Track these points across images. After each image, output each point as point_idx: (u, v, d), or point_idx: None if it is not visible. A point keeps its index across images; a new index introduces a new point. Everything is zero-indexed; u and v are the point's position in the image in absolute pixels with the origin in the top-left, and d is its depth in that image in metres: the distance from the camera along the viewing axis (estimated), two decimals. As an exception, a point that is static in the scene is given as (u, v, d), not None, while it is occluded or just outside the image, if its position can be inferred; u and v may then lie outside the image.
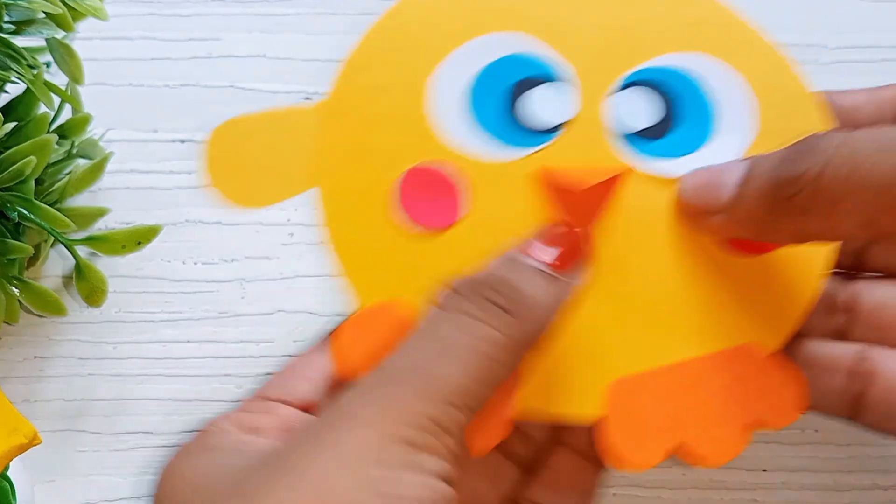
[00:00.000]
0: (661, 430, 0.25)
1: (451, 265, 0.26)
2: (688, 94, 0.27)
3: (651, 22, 0.28)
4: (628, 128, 0.27)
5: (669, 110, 0.27)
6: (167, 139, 0.37)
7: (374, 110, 0.28)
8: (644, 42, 0.27)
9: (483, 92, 0.27)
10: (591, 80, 0.27)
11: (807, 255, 0.26)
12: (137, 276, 0.34)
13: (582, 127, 0.27)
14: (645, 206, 0.27)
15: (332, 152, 0.28)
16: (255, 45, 0.39)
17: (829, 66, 0.39)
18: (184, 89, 0.38)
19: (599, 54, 0.27)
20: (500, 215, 0.27)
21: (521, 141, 0.27)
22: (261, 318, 0.34)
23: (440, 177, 0.27)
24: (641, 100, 0.27)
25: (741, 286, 0.26)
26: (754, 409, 0.25)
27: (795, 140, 0.23)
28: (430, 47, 0.28)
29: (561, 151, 0.27)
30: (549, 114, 0.27)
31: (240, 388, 0.33)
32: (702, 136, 0.27)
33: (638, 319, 0.26)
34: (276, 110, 0.29)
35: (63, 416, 0.32)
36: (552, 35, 0.27)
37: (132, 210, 0.35)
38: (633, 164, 0.27)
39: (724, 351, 0.26)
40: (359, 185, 0.28)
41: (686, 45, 0.27)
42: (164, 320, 0.34)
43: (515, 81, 0.27)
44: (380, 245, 0.27)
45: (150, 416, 0.32)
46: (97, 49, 0.38)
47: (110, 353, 0.33)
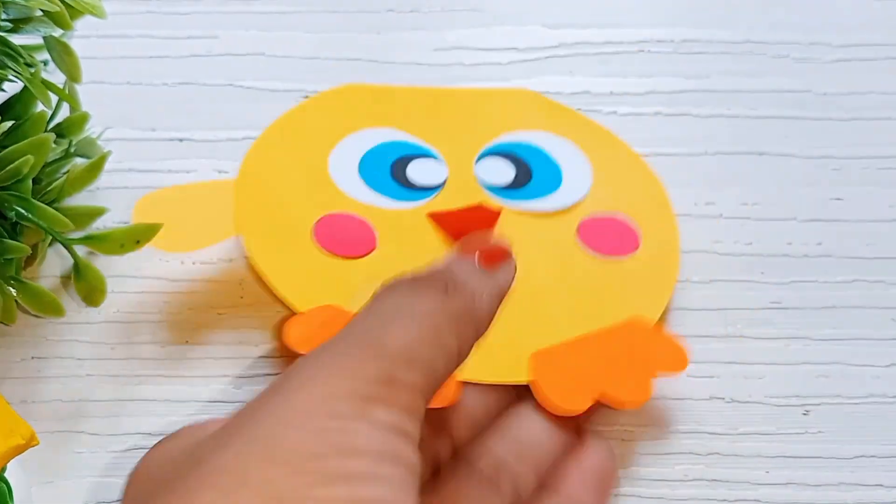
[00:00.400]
0: (584, 384, 0.31)
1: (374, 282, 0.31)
2: (536, 156, 0.36)
3: (489, 112, 0.37)
4: (493, 184, 0.35)
5: (527, 167, 0.36)
6: (165, 138, 0.37)
7: (285, 177, 0.35)
8: (487, 127, 0.37)
9: (370, 168, 0.35)
10: (454, 157, 0.36)
11: (666, 248, 0.34)
12: (136, 275, 0.34)
13: (457, 184, 0.35)
14: (522, 234, 0.34)
15: (252, 208, 0.34)
16: (254, 43, 0.39)
17: (833, 64, 0.39)
18: (182, 88, 0.38)
19: (455, 139, 0.36)
20: (406, 249, 0.34)
21: (410, 196, 0.35)
22: (259, 319, 0.34)
23: (352, 218, 0.34)
24: (497, 166, 0.36)
25: (615, 277, 0.34)
26: (653, 363, 0.32)
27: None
28: (323, 138, 0.36)
29: (446, 201, 0.35)
30: (426, 178, 0.35)
31: (238, 389, 0.33)
32: (555, 183, 0.36)
33: (539, 309, 0.33)
34: (195, 183, 0.35)
35: (61, 417, 0.32)
36: (415, 128, 0.36)
37: (130, 209, 0.35)
38: (506, 207, 0.35)
39: (618, 324, 0.33)
40: (278, 229, 0.34)
41: (521, 125, 0.37)
42: (163, 321, 0.34)
43: (394, 160, 0.35)
44: (306, 269, 0.33)
45: (149, 417, 0.32)
46: (95, 47, 0.38)
47: (109, 354, 0.33)
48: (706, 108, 0.38)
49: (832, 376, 0.33)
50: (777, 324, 0.34)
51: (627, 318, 0.33)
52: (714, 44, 0.40)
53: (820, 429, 0.32)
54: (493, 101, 0.38)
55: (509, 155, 0.36)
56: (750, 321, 0.34)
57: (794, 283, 0.35)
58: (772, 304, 0.34)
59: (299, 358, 0.24)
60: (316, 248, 0.33)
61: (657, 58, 0.39)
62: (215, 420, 0.25)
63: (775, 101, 0.38)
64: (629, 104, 0.38)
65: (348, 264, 0.33)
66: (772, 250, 0.35)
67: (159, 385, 0.33)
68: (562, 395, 0.31)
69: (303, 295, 0.33)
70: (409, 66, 0.39)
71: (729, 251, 0.35)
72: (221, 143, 0.37)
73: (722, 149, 0.37)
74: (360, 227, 0.34)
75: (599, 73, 0.39)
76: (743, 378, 0.33)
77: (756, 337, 0.34)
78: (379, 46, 0.39)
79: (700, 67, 0.39)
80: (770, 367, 0.33)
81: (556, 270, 0.34)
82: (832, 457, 0.32)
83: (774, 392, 0.33)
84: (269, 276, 0.33)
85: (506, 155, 0.36)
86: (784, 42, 0.39)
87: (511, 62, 0.39)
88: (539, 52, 0.39)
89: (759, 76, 0.39)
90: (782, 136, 0.37)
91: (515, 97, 0.38)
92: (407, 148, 0.36)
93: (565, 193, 0.35)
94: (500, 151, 0.36)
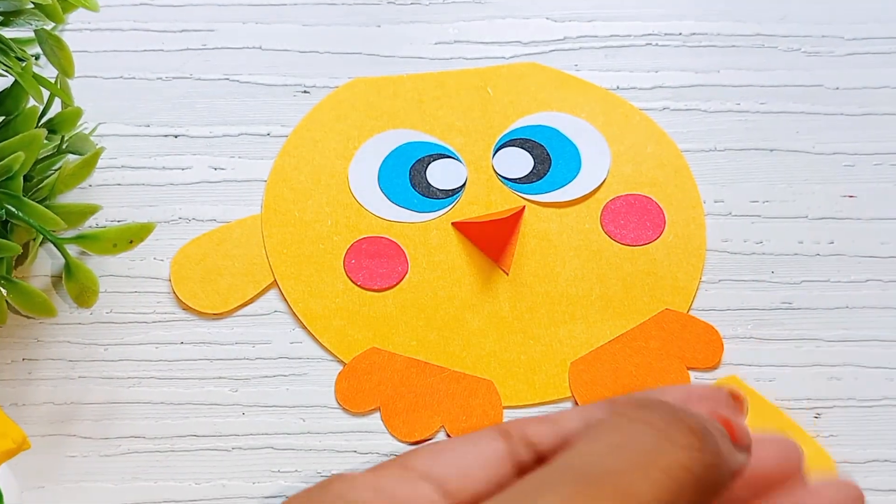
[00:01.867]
0: (624, 388, 0.32)
1: (408, 314, 0.34)
2: (553, 139, 0.37)
3: (499, 95, 0.38)
4: (512, 178, 0.36)
5: (545, 153, 0.36)
6: (160, 134, 0.37)
7: (309, 201, 0.36)
8: (501, 113, 0.37)
9: (390, 178, 0.36)
10: (471, 152, 0.37)
11: (691, 233, 0.35)
12: (129, 275, 0.34)
13: (478, 183, 0.36)
14: (548, 227, 0.35)
15: (283, 249, 0.35)
16: (251, 37, 0.39)
17: (846, 58, 0.39)
18: (177, 82, 0.38)
19: (470, 131, 0.37)
20: (438, 266, 0.35)
21: (432, 206, 0.36)
22: (257, 319, 0.34)
23: (381, 242, 0.35)
24: (515, 157, 0.37)
25: (642, 268, 0.35)
26: (687, 356, 0.33)
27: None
28: (340, 149, 0.37)
29: (469, 204, 0.36)
30: (446, 180, 0.36)
31: (235, 392, 0.33)
32: (574, 166, 0.36)
33: (573, 312, 0.34)
34: (226, 226, 0.35)
35: (52, 420, 0.32)
36: (429, 125, 0.37)
37: (124, 207, 0.35)
38: (528, 200, 0.36)
39: (651, 318, 0.34)
40: (312, 271, 0.34)
41: (534, 107, 0.37)
42: (157, 321, 0.34)
43: (412, 164, 0.36)
44: (342, 311, 0.34)
45: (143, 420, 0.32)
46: (88, 40, 0.38)
47: (101, 356, 0.33)
48: (715, 104, 0.38)
49: (845, 378, 0.33)
50: (788, 324, 0.34)
51: (659, 312, 0.34)
52: (723, 37, 0.39)
53: (832, 432, 0.32)
54: (500, 80, 0.38)
55: (526, 142, 0.37)
56: (760, 322, 0.34)
57: (806, 282, 0.35)
58: (782, 304, 0.34)
59: (532, 481, 0.21)
60: (351, 286, 0.34)
61: (664, 51, 0.39)
62: (364, 477, 0.23)
63: (786, 96, 0.38)
64: (636, 99, 0.38)
65: (384, 297, 0.34)
66: (782, 249, 0.35)
67: (153, 388, 0.33)
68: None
69: (344, 342, 0.33)
70: (409, 59, 0.39)
71: (738, 250, 0.35)
72: (217, 139, 0.37)
73: (731, 145, 0.37)
74: (390, 251, 0.35)
75: (605, 67, 0.39)
76: (753, 380, 0.33)
77: (766, 338, 0.34)
78: (379, 40, 0.39)
79: (709, 61, 0.39)
80: (781, 369, 0.33)
81: (584, 265, 0.35)
82: (844, 461, 0.32)
83: (785, 395, 0.33)
84: (312, 329, 0.34)
85: (522, 142, 0.37)
86: (795, 35, 0.39)
87: (514, 56, 0.39)
88: (543, 46, 0.39)
89: (769, 70, 0.39)
90: (793, 131, 0.37)
91: (523, 73, 0.38)
92: (423, 148, 0.37)
93: (586, 177, 0.36)
94: (517, 139, 0.37)
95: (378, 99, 0.38)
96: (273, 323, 0.34)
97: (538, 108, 0.38)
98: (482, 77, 0.38)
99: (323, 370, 0.33)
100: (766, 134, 0.37)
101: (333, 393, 0.33)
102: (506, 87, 0.38)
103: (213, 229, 0.35)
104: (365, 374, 0.33)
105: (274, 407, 0.32)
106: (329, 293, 0.34)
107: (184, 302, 0.34)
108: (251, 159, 0.37)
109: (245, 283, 0.34)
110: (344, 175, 0.36)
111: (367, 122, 0.37)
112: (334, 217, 0.35)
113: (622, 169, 0.36)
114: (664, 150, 0.37)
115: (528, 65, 0.39)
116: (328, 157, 0.36)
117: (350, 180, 0.36)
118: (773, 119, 0.38)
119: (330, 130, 0.37)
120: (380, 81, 0.38)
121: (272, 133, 0.37)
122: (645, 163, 0.36)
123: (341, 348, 0.33)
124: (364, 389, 0.32)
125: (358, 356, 0.33)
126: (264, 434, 0.32)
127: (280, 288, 0.34)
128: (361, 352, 0.33)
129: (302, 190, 0.36)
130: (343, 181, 0.36)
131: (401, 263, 0.35)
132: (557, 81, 0.38)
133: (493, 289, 0.34)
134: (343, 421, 0.32)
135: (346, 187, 0.36)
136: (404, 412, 0.32)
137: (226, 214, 0.36)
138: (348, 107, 0.37)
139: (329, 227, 0.35)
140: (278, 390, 0.33)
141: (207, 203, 0.36)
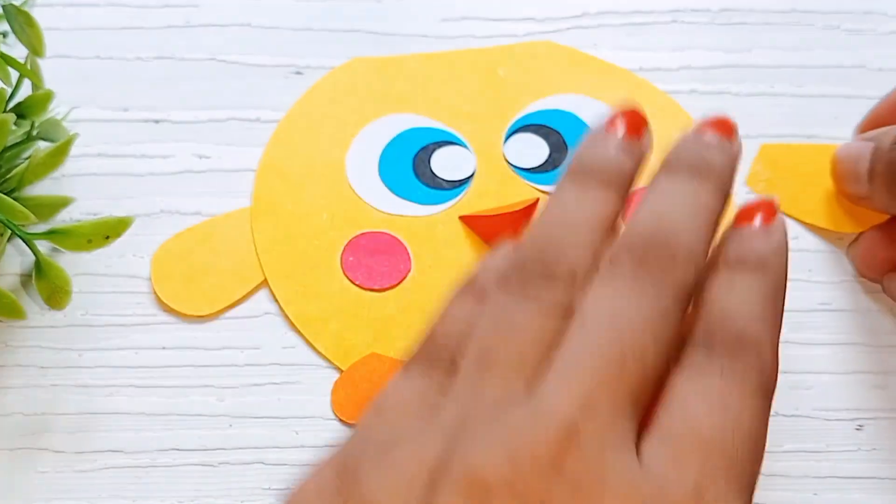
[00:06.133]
0: None
1: (411, 317, 0.34)
2: (569, 124, 0.37)
3: (512, 77, 0.37)
4: (526, 167, 0.36)
5: (560, 139, 0.36)
6: (139, 119, 0.37)
7: (302, 194, 0.35)
8: (513, 96, 0.37)
9: (391, 168, 0.36)
10: (480, 139, 0.36)
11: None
12: (106, 274, 0.34)
13: (487, 173, 0.36)
14: None
15: (274, 245, 0.34)
16: (239, 13, 0.39)
17: (889, 36, 0.39)
18: (158, 62, 0.38)
19: (479, 116, 0.37)
20: (443, 264, 0.34)
21: (438, 198, 0.35)
22: (246, 322, 0.34)
23: (381, 238, 0.35)
24: (528, 144, 0.36)
25: None
26: None
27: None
28: (336, 136, 0.36)
29: (477, 195, 0.35)
30: (453, 170, 0.36)
31: (222, 402, 0.32)
32: None
33: None
34: (211, 220, 0.35)
35: (22, 432, 0.32)
36: (434, 109, 0.37)
37: (100, 199, 0.35)
38: (542, 192, 0.35)
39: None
40: (306, 269, 0.34)
41: (549, 89, 0.37)
42: (137, 324, 0.34)
43: (416, 152, 0.36)
44: (339, 314, 0.34)
45: (121, 432, 0.32)
46: (60, 17, 0.38)
47: (75, 362, 0.33)
48: (746, 86, 0.38)
49: (889, 387, 0.33)
50: (827, 328, 0.34)
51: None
52: (755, 13, 0.39)
53: (874, 446, 0.32)
54: (513, 60, 0.38)
55: (540, 128, 0.36)
56: (796, 325, 0.34)
57: (846, 282, 0.35)
58: (820, 306, 0.34)
59: None
60: (349, 285, 0.34)
61: (692, 29, 0.39)
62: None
63: (825, 78, 0.38)
64: (660, 81, 0.38)
65: (385, 297, 0.34)
66: (820, 246, 0.35)
67: (133, 397, 0.33)
68: None
69: (341, 347, 0.33)
70: (413, 38, 0.38)
71: (773, 246, 0.35)
72: (202, 124, 0.37)
73: (765, 131, 0.37)
74: (392, 247, 0.35)
75: (627, 45, 0.39)
76: (789, 389, 0.33)
77: (803, 342, 0.34)
78: (379, 16, 0.39)
79: (740, 40, 0.39)
80: (819, 376, 0.33)
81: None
82: (888, 477, 0.32)
83: (824, 405, 0.33)
84: (306, 333, 0.33)
85: (537, 128, 0.37)
86: (835, 11, 0.39)
87: (528, 34, 0.39)
88: (559, 23, 0.39)
89: (806, 49, 0.38)
90: (832, 117, 0.37)
91: (537, 52, 0.38)
92: (428, 135, 0.36)
93: None
94: (530, 125, 0.37)
95: (379, 81, 0.37)
96: (263, 326, 0.34)
97: (554, 90, 0.37)
98: (493, 57, 0.38)
99: (318, 378, 0.33)
100: (803, 119, 0.37)
101: (330, 403, 0.32)
102: (519, 68, 0.38)
103: (197, 223, 0.35)
104: (364, 383, 0.32)
105: (265, 418, 0.32)
106: (325, 294, 0.34)
107: (165, 303, 0.33)
108: (239, 147, 0.36)
109: (233, 282, 0.34)
110: (341, 164, 0.36)
111: (367, 107, 0.37)
112: (330, 210, 0.35)
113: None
114: None
115: (543, 43, 0.38)
116: (324, 144, 0.36)
117: (347, 170, 0.36)
118: (810, 103, 0.38)
119: (326, 115, 0.37)
120: (381, 62, 0.38)
121: (262, 118, 0.37)
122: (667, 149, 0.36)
123: (338, 354, 0.33)
124: (363, 399, 0.32)
125: (356, 363, 0.33)
126: (254, 448, 0.32)
127: (271, 288, 0.34)
128: (360, 358, 0.33)
129: (295, 181, 0.35)
130: (340, 171, 0.36)
131: (403, 261, 0.34)
132: (575, 62, 0.38)
133: None
134: (340, 433, 0.32)
135: (343, 178, 0.36)
136: None
137: (211, 207, 0.35)
138: (346, 89, 0.37)
139: (325, 222, 0.35)
140: (269, 399, 0.33)
141: (191, 195, 0.36)
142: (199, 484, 0.31)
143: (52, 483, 0.31)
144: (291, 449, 0.32)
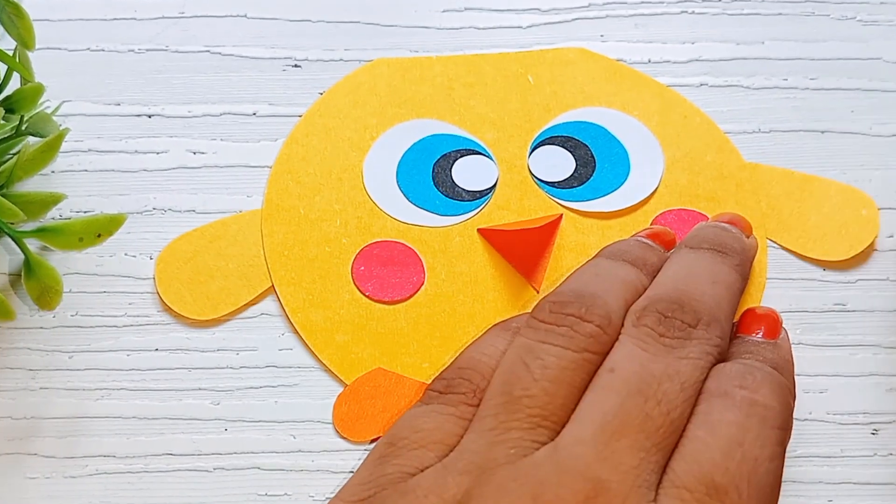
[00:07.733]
0: None
1: (421, 332, 0.33)
2: (598, 138, 0.36)
3: (540, 84, 0.37)
4: (550, 181, 0.35)
5: (588, 153, 0.36)
6: (132, 113, 0.37)
7: (316, 198, 0.35)
8: (541, 105, 0.37)
9: (410, 176, 0.35)
10: (504, 148, 0.36)
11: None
12: (97, 273, 0.34)
13: (510, 185, 0.35)
14: (587, 240, 0.35)
15: (284, 250, 0.34)
16: (234, 3, 0.39)
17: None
18: (151, 55, 0.38)
19: (505, 125, 0.36)
20: (458, 278, 0.34)
21: (457, 209, 0.35)
22: (241, 323, 0.34)
23: (395, 247, 0.34)
24: (554, 157, 0.36)
25: None
26: None
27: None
28: (354, 139, 0.36)
29: (499, 208, 0.35)
30: (475, 180, 0.35)
31: (217, 405, 0.32)
32: (622, 172, 0.36)
33: None
34: (220, 221, 0.35)
35: (11, 436, 0.32)
36: (457, 115, 0.36)
37: (91, 196, 0.35)
38: (566, 208, 0.35)
39: None
40: (315, 277, 0.34)
41: (579, 101, 0.37)
42: (129, 325, 0.33)
43: (436, 159, 0.36)
44: (346, 325, 0.33)
45: (112, 436, 0.32)
46: (50, 8, 0.38)
47: (66, 364, 0.33)
48: (759, 79, 0.38)
49: (906, 391, 0.33)
50: (841, 329, 0.34)
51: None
52: (768, 4, 0.39)
53: (891, 451, 0.32)
54: (543, 66, 0.37)
55: (568, 140, 0.36)
56: (810, 326, 0.34)
57: (861, 281, 0.34)
58: (835, 307, 0.34)
59: None
60: (359, 296, 0.34)
61: (702, 20, 0.39)
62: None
63: (839, 71, 0.38)
64: (670, 74, 0.38)
65: (395, 310, 0.34)
66: (835, 244, 0.35)
67: (125, 400, 0.33)
68: None
69: (346, 360, 0.33)
70: (413, 30, 0.38)
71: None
72: (197, 118, 0.37)
73: (777, 126, 0.37)
74: (405, 258, 0.34)
75: (635, 37, 0.38)
76: (802, 392, 0.33)
77: (817, 344, 0.34)
78: (380, 7, 0.39)
79: (752, 31, 0.39)
80: (833, 378, 0.33)
81: None
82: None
83: (838, 408, 0.33)
84: (312, 343, 0.33)
85: (564, 141, 0.36)
86: (850, 2, 0.39)
87: (532, 25, 0.38)
88: (565, 14, 0.39)
89: (820, 42, 0.38)
90: (847, 111, 0.37)
91: (569, 59, 0.38)
92: (450, 142, 0.36)
93: (634, 185, 0.35)
94: (558, 137, 0.36)
95: (402, 83, 0.37)
96: (260, 327, 0.33)
97: (584, 101, 0.37)
98: (522, 62, 0.37)
99: (316, 381, 0.33)
100: (817, 114, 0.37)
101: (330, 408, 0.32)
102: (549, 75, 0.37)
103: (206, 224, 0.35)
104: (368, 399, 0.32)
105: (261, 422, 0.32)
106: (333, 303, 0.33)
107: (168, 306, 0.33)
108: (235, 142, 0.36)
109: (239, 287, 0.34)
110: (358, 169, 0.35)
111: (388, 110, 0.36)
112: (344, 216, 0.35)
113: (677, 178, 0.35)
114: (726, 159, 0.36)
115: (575, 50, 0.38)
116: (341, 147, 0.36)
117: (365, 175, 0.35)
118: (824, 97, 0.37)
119: (345, 117, 0.36)
120: (405, 63, 0.37)
121: (259, 112, 0.37)
122: (703, 173, 0.35)
123: (343, 367, 0.33)
124: (366, 416, 0.32)
125: (361, 377, 0.32)
126: (250, 452, 0.32)
127: (278, 295, 0.34)
128: (366, 372, 0.33)
129: (309, 184, 0.35)
130: (357, 176, 0.35)
131: (416, 273, 0.34)
132: (609, 72, 0.37)
133: (520, 308, 0.33)
134: (339, 438, 0.32)
135: (359, 183, 0.35)
136: None
137: (206, 204, 0.35)
138: (367, 91, 0.37)
139: (337, 228, 0.35)
140: (266, 403, 0.33)
141: (185, 191, 0.35)
142: (193, 489, 0.31)
143: (42, 489, 0.31)
144: (288, 454, 0.32)
